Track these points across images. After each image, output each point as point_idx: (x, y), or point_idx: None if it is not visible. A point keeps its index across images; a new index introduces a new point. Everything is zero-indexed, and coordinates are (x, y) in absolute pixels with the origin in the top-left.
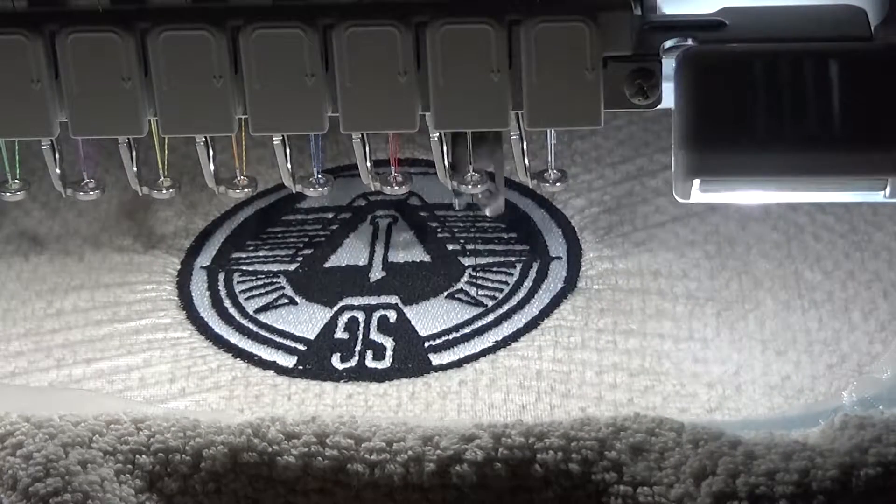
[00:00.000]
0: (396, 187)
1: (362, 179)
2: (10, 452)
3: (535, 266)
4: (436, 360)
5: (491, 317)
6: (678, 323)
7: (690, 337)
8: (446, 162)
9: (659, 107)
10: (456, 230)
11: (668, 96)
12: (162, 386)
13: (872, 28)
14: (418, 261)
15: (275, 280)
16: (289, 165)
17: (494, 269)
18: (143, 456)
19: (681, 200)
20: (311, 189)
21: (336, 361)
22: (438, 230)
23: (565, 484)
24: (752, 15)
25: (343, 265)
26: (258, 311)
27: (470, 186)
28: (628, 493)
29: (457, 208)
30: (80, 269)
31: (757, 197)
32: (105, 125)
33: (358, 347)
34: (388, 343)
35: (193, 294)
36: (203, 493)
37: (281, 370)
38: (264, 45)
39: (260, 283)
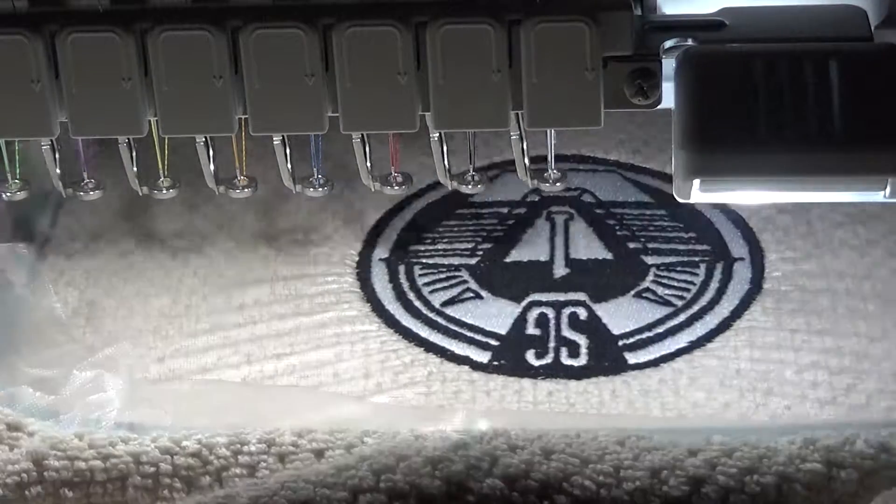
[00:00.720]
0: (396, 188)
1: (362, 180)
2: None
3: (719, 267)
4: (632, 358)
5: (682, 317)
6: (871, 322)
7: (885, 336)
8: (446, 162)
9: (659, 107)
10: (635, 228)
11: (668, 96)
12: (357, 382)
13: (872, 28)
14: (601, 258)
15: (457, 274)
16: (289, 165)
17: (679, 268)
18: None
19: (681, 200)
20: (311, 189)
21: (531, 357)
22: (617, 228)
23: None
24: (752, 15)
25: (525, 260)
26: (445, 304)
27: (470, 186)
28: None
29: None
30: (256, 263)
31: (757, 197)
32: (105, 125)
33: (552, 344)
34: (582, 340)
35: (376, 286)
36: None
37: (476, 365)
38: (264, 45)
39: (442, 276)
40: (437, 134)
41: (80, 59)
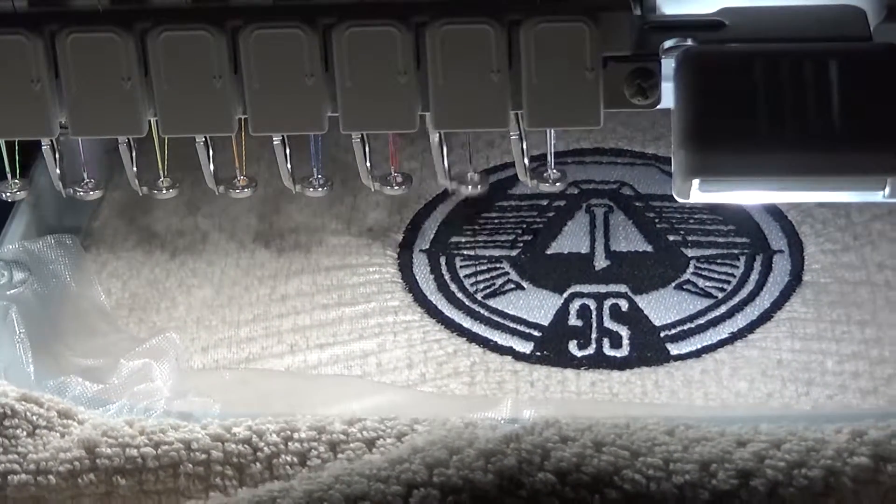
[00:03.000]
0: (396, 188)
1: (362, 179)
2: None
3: (759, 259)
4: (674, 349)
5: (723, 308)
6: None
7: None
8: (446, 162)
9: (659, 107)
10: (674, 221)
11: (668, 96)
12: (401, 372)
13: (872, 28)
14: (641, 250)
15: (498, 265)
16: (289, 165)
17: (719, 260)
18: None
19: (681, 200)
20: (311, 189)
21: (573, 348)
22: (656, 220)
23: None
24: (752, 15)
25: (566, 252)
26: (487, 296)
27: (469, 188)
28: None
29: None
30: (298, 254)
31: (757, 197)
32: (105, 125)
33: (594, 335)
34: (624, 332)
35: (418, 277)
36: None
37: (519, 356)
38: (264, 45)
39: (483, 267)
40: (437, 134)
41: (80, 59)
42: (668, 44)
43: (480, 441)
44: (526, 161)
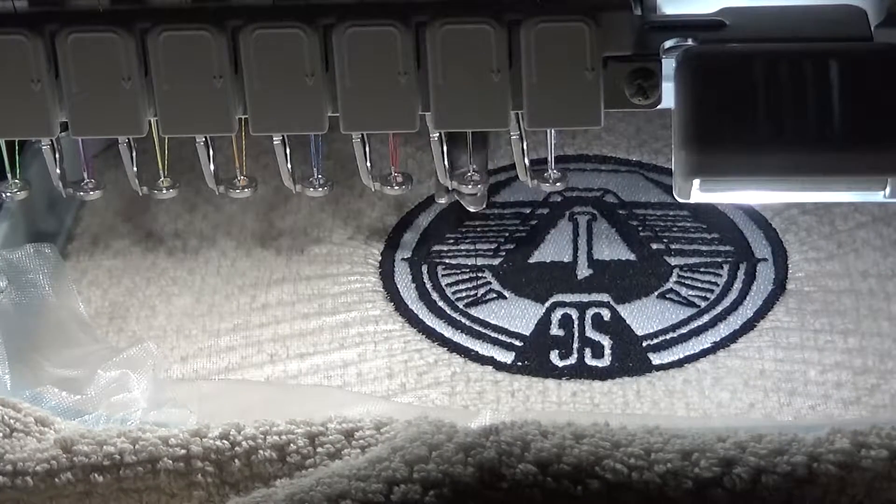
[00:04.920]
0: (396, 188)
1: (362, 180)
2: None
3: (742, 268)
4: (656, 359)
5: (706, 318)
6: (895, 322)
7: None
8: (445, 162)
9: (659, 107)
10: (658, 229)
11: (668, 96)
12: (381, 382)
13: (872, 28)
14: (624, 259)
15: (480, 274)
16: (289, 165)
17: (702, 269)
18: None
19: (681, 200)
20: (312, 189)
21: (555, 358)
22: (640, 229)
23: None
24: (752, 15)
25: (548, 261)
26: (468, 305)
27: (470, 187)
28: None
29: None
30: (279, 263)
31: (757, 197)
32: (105, 125)
33: (576, 345)
34: (606, 341)
35: (399, 286)
36: None
37: (500, 366)
38: (264, 45)
39: (465, 276)
40: (437, 134)
41: (80, 59)
42: (668, 44)
43: (460, 436)
44: (526, 161)
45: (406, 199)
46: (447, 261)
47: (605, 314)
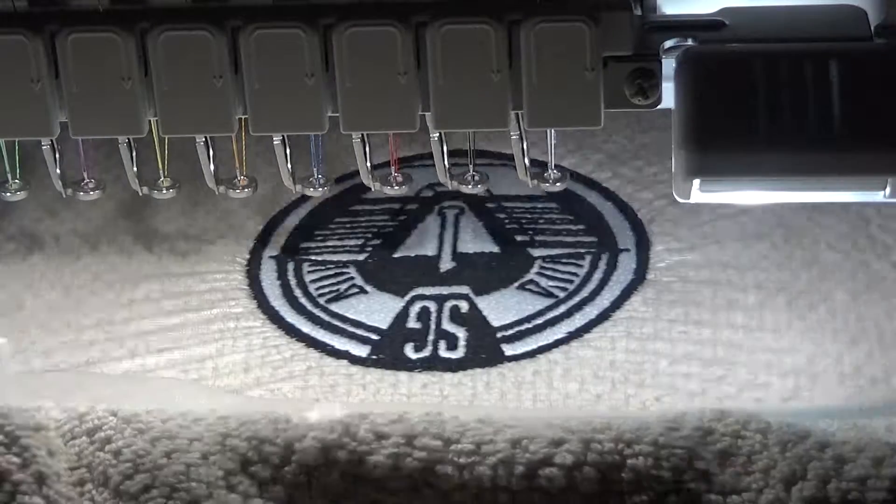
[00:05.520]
0: (396, 187)
1: (362, 180)
2: (98, 447)
3: (605, 258)
4: (509, 350)
5: (563, 308)
6: (749, 313)
7: (762, 327)
8: (446, 162)
9: (659, 107)
10: (524, 221)
11: (668, 96)
12: (236, 376)
13: (872, 28)
14: (488, 251)
15: (345, 270)
16: (289, 165)
17: (564, 260)
18: (235, 439)
19: (681, 200)
20: (312, 189)
21: (409, 351)
22: (506, 221)
23: (658, 489)
24: (752, 15)
25: (413, 255)
26: (330, 300)
27: (470, 187)
28: (719, 502)
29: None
30: (150, 260)
31: (757, 197)
32: (105, 125)
33: (431, 337)
34: (461, 333)
35: (264, 283)
36: (294, 485)
37: (355, 360)
38: (264, 45)
39: (330, 272)
40: (437, 134)
41: (80, 59)
42: (668, 44)
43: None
44: (526, 161)
45: (277, 198)
46: (313, 258)
47: (464, 306)
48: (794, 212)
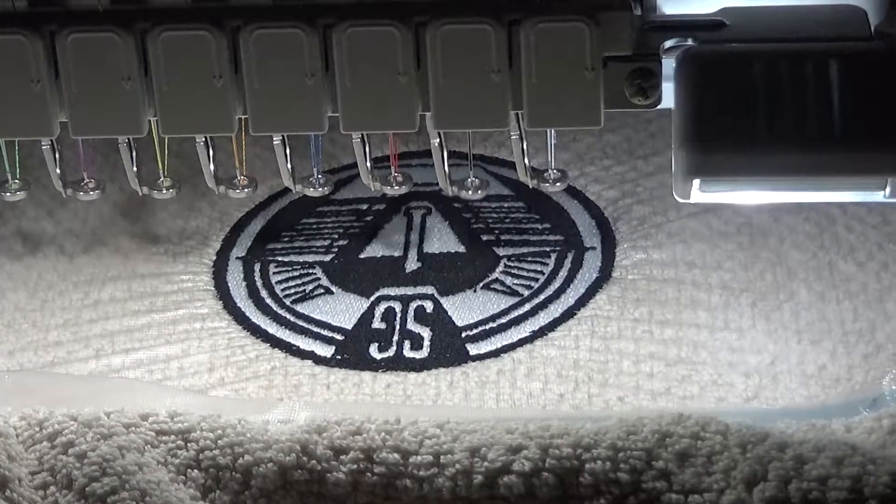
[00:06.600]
0: (396, 187)
1: (363, 179)
2: (61, 451)
3: (570, 256)
4: (473, 349)
5: (527, 307)
6: (713, 313)
7: (726, 327)
8: (446, 166)
9: (659, 107)
10: (490, 221)
11: (668, 96)
12: (201, 376)
13: (872, 28)
14: (453, 251)
15: (311, 271)
16: (289, 165)
17: (529, 258)
18: (195, 471)
19: (681, 200)
20: (312, 189)
21: (374, 351)
22: (473, 221)
23: (615, 492)
24: (752, 15)
25: (379, 256)
26: (295, 301)
27: (470, 192)
28: (680, 502)
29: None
30: (117, 261)
31: (757, 197)
32: (105, 125)
33: (395, 337)
34: (426, 333)
35: (230, 284)
36: None
37: (319, 360)
38: (264, 45)
39: (296, 273)
40: (438, 139)
41: (80, 59)
42: (668, 44)
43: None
44: (526, 161)
45: (244, 199)
46: (279, 258)
47: (429, 306)
48: (760, 212)
